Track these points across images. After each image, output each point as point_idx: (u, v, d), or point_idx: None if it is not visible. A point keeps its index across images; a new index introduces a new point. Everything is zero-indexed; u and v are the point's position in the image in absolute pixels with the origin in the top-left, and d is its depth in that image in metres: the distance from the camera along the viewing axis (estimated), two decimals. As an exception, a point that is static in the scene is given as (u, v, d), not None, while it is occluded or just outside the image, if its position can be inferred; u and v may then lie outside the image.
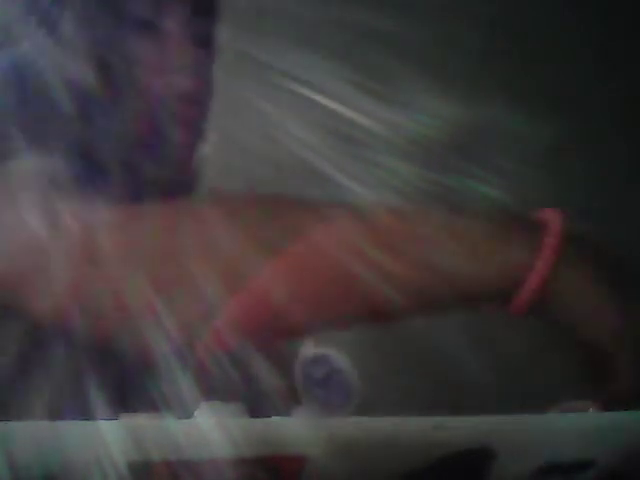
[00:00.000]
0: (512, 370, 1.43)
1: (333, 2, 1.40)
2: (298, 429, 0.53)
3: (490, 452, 0.57)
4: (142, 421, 0.53)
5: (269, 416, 0.54)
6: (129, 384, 0.66)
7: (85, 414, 0.58)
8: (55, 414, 0.63)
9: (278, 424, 0.54)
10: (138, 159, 0.74)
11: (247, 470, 0.53)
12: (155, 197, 0.72)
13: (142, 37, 0.73)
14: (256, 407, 0.59)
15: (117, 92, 0.72)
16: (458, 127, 1.38)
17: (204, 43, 0.77)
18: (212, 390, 0.65)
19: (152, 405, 0.62)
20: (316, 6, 1.35)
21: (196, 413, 0.57)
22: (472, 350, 1.15)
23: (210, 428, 0.52)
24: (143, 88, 0.72)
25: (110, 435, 0.50)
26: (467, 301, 0.66)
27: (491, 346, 1.32)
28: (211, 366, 0.67)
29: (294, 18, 1.31)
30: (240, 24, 0.82)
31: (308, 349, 0.67)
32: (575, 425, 0.59)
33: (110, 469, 0.50)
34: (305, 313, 0.68)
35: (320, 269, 0.66)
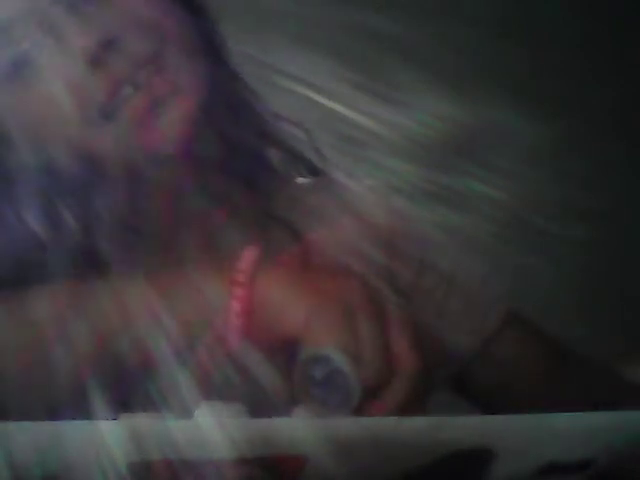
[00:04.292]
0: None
1: (333, 2, 1.40)
2: (298, 429, 0.53)
3: (490, 452, 0.57)
4: (142, 421, 0.53)
5: (269, 416, 0.54)
6: (129, 384, 0.66)
7: (85, 414, 0.58)
8: (55, 414, 0.63)
9: (278, 424, 0.54)
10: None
11: (247, 470, 0.53)
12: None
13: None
14: (256, 407, 0.59)
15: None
16: (458, 127, 1.38)
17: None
18: (212, 390, 0.65)
19: (152, 405, 0.62)
20: (316, 6, 1.35)
21: (196, 413, 0.57)
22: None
23: (210, 428, 0.52)
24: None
25: (110, 435, 0.50)
26: None
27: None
28: (212, 366, 0.67)
29: (294, 18, 1.31)
30: (240, 24, 0.82)
31: (308, 349, 0.66)
32: (575, 425, 0.59)
33: (110, 469, 0.50)
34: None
35: None
